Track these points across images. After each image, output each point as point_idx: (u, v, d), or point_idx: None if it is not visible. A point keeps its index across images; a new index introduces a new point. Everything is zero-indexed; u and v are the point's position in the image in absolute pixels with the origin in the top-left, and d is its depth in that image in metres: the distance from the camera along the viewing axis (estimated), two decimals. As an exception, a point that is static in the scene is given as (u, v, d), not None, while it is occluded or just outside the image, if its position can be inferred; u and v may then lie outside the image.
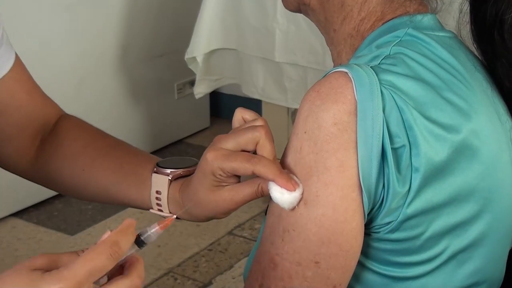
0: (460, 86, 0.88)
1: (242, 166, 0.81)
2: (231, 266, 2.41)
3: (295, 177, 0.81)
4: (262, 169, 0.81)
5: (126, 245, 0.67)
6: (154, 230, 0.71)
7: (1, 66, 0.99)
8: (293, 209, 0.80)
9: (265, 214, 0.89)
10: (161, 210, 0.90)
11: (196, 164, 0.90)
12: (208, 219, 0.89)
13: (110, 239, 0.66)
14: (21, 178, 2.92)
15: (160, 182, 0.89)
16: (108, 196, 0.96)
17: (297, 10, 0.99)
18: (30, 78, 1.05)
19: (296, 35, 2.46)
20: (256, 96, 2.62)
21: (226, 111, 3.57)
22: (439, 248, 0.86)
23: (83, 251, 0.66)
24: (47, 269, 0.65)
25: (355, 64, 0.85)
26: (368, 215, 0.83)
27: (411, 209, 0.83)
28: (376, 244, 0.86)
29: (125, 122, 3.06)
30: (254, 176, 0.83)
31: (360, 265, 0.87)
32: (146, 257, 2.45)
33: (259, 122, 0.86)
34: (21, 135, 1.00)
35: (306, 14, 0.98)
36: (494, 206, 0.89)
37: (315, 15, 0.96)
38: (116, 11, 2.91)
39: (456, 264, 0.88)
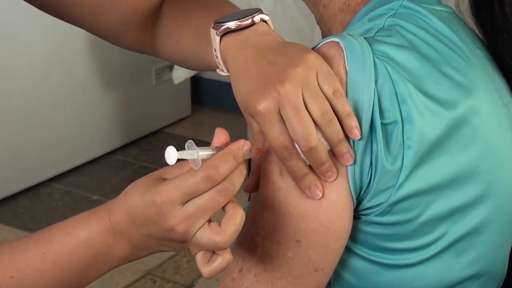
0: (459, 61, 0.90)
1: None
2: (214, 267, 2.43)
3: None
4: None
5: (225, 170, 0.76)
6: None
7: None
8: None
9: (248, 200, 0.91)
10: (222, 70, 0.92)
11: (255, 13, 0.88)
12: None
13: (209, 162, 0.75)
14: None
15: (214, 39, 0.89)
16: (200, 61, 1.01)
17: None
18: None
19: (282, 15, 2.48)
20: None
21: (209, 98, 3.58)
22: (436, 234, 0.88)
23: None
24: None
25: (348, 34, 0.87)
26: (357, 198, 0.85)
27: (404, 190, 0.84)
28: (364, 228, 0.88)
29: (98, 111, 3.06)
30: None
31: (347, 250, 0.89)
32: (122, 258, 2.46)
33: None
34: (131, 21, 1.09)
35: None
36: (496, 190, 0.90)
37: None
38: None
39: (454, 252, 0.90)
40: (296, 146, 0.81)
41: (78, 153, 3.01)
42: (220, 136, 0.81)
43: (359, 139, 0.83)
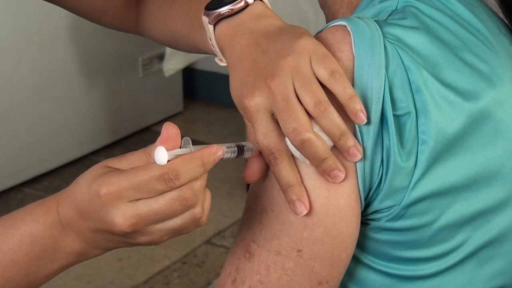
0: (481, 47, 0.90)
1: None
2: (209, 283, 2.43)
3: None
4: None
5: (187, 177, 0.75)
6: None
7: None
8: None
9: None
10: (221, 60, 0.94)
11: None
12: None
13: (172, 163, 0.75)
14: None
15: (208, 28, 0.91)
16: (194, 47, 1.02)
17: None
18: None
19: (284, 0, 2.49)
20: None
21: (203, 92, 3.58)
22: (456, 241, 0.88)
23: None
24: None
25: (356, 16, 0.88)
26: (365, 199, 0.85)
27: (419, 191, 0.85)
28: (374, 235, 0.88)
29: (77, 107, 3.06)
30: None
31: (356, 260, 0.89)
32: (105, 273, 2.47)
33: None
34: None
35: None
36: None
37: None
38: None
39: (477, 262, 0.90)
40: (292, 149, 0.82)
41: (54, 155, 3.01)
42: (169, 131, 0.77)
43: (368, 131, 0.83)
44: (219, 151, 0.77)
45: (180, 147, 0.77)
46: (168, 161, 0.75)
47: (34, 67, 2.88)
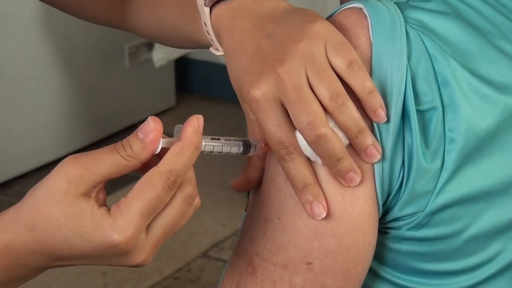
0: None
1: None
2: (205, 301, 2.44)
3: None
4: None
5: (185, 169, 0.76)
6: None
7: None
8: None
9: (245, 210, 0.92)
10: (217, 49, 0.94)
11: None
12: None
13: (164, 168, 0.76)
14: None
15: (203, 11, 0.91)
16: (187, 39, 1.03)
17: None
18: None
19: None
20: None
21: (198, 85, 3.59)
22: (488, 253, 0.88)
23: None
24: (87, 187, 0.78)
25: None
26: (383, 205, 0.85)
27: (445, 196, 0.85)
28: (394, 245, 0.88)
29: (56, 102, 3.06)
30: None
31: (372, 274, 0.89)
32: (87, 289, 2.48)
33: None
34: None
35: None
36: None
37: None
38: None
39: (512, 277, 0.91)
40: (303, 146, 0.82)
41: (28, 156, 3.01)
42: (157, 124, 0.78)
43: (388, 129, 0.83)
44: (200, 120, 0.78)
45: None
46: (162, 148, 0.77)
47: (6, 58, 2.88)
